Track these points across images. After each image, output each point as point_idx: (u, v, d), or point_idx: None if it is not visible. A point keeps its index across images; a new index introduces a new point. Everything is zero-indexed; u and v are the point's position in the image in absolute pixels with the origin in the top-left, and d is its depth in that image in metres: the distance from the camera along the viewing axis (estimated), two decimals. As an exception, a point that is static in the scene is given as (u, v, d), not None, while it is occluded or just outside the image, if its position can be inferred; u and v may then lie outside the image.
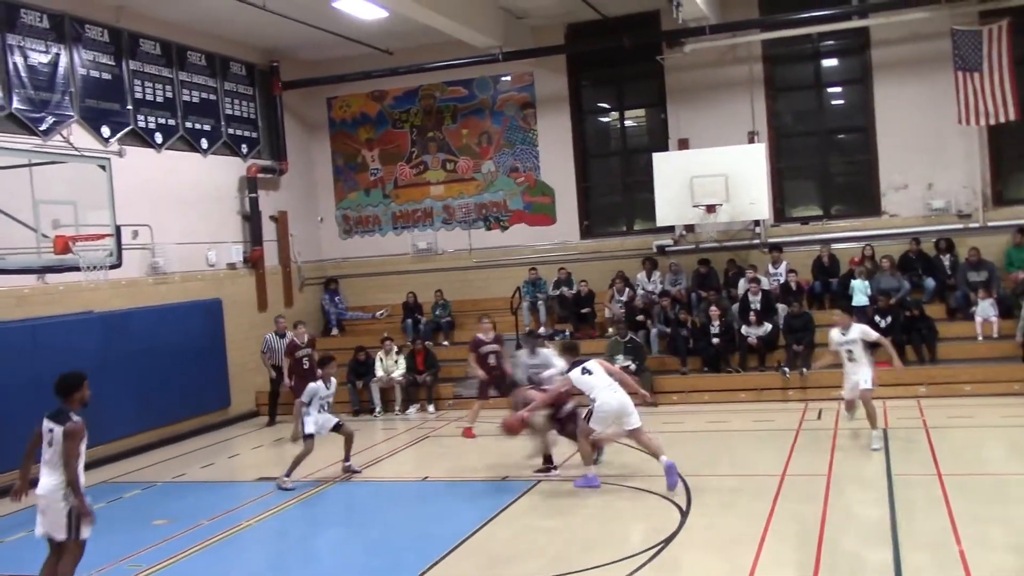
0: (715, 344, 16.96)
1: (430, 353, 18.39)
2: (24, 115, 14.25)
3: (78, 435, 7.71)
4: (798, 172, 19.65)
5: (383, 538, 10.02)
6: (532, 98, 20.52)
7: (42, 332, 13.84)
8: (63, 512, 7.76)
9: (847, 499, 10.13)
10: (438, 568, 8.73)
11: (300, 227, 20.99)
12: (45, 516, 7.84)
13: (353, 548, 9.86)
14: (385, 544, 9.79)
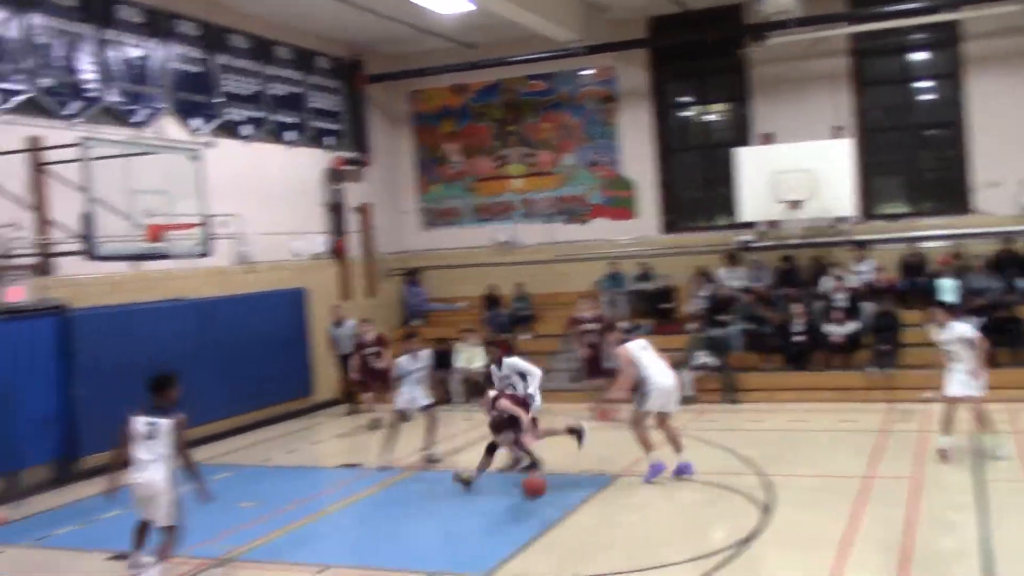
0: (798, 342, 16.72)
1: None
2: (119, 107, 14.72)
3: (184, 425, 8.50)
4: (885, 168, 19.23)
5: (462, 528, 10.13)
6: (613, 92, 20.44)
7: (135, 318, 14.29)
8: (169, 501, 8.41)
9: (934, 504, 9.91)
10: (516, 560, 8.79)
11: (383, 219, 21.25)
12: (150, 505, 8.46)
13: (433, 536, 9.97)
14: (463, 534, 9.89)
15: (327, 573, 8.79)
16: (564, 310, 19.19)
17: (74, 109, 13.93)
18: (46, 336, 13.08)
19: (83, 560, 9.64)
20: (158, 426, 8.41)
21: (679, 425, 14.33)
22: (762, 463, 11.78)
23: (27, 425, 12.71)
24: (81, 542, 10.29)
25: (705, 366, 16.73)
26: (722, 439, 13.44)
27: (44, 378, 13.02)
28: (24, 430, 12.66)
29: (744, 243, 19.13)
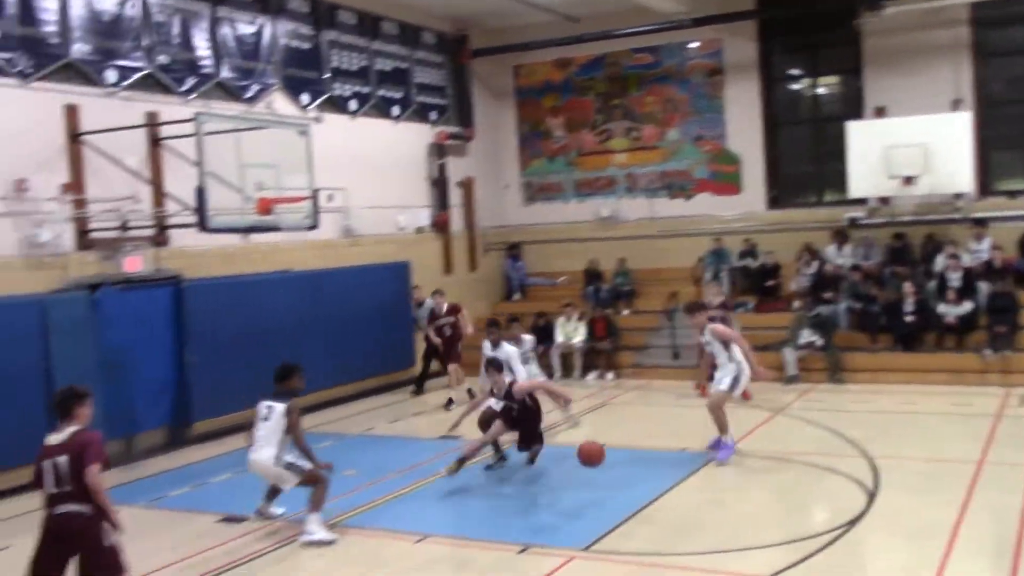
0: (908, 322, 16.23)
1: (610, 321, 18.41)
2: (231, 83, 15.10)
3: (297, 412, 9.15)
4: (1006, 143, 18.41)
5: (559, 502, 10.16)
6: (720, 64, 20.05)
7: (245, 289, 14.71)
8: (277, 475, 9.29)
9: (1051, 492, 9.54)
10: (613, 535, 8.79)
11: (485, 193, 21.36)
12: (266, 478, 9.48)
13: (531, 510, 10.04)
14: (561, 508, 9.92)
15: (425, 542, 8.94)
16: (665, 286, 19.07)
17: (189, 85, 14.36)
18: (162, 305, 13.58)
19: (195, 521, 10.00)
20: (274, 410, 9.15)
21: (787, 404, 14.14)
22: (868, 445, 11.50)
23: (143, 391, 13.24)
24: (193, 504, 10.69)
25: (810, 345, 16.39)
26: (827, 420, 13.17)
27: (159, 346, 13.53)
28: (140, 396, 13.18)
29: (853, 220, 18.60)
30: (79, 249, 12.71)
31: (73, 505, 6.52)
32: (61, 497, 6.55)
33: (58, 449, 6.55)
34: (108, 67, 13.20)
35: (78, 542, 6.57)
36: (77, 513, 6.53)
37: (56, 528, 6.59)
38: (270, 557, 8.76)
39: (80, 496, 6.50)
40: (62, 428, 6.66)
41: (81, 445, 6.53)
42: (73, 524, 6.55)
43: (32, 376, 11.70)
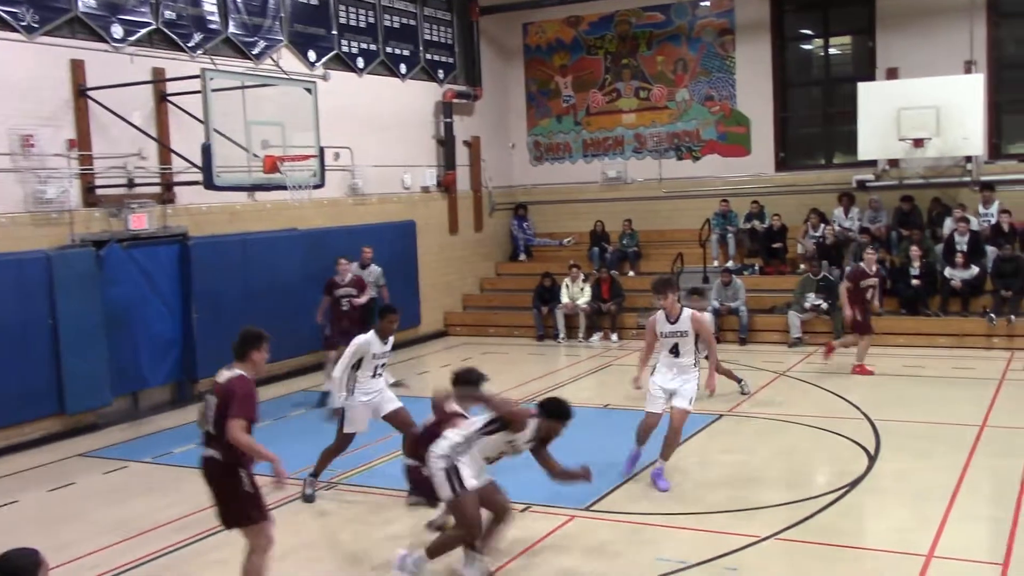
0: (915, 285, 16.19)
1: (616, 282, 18.40)
2: (238, 39, 15.00)
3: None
4: (1019, 105, 18.24)
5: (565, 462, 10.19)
6: (731, 24, 19.84)
7: (252, 246, 14.73)
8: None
9: (1053, 456, 9.56)
10: (614, 496, 8.85)
11: (492, 153, 21.26)
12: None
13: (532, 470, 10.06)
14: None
15: (429, 500, 9.00)
16: (672, 247, 19.03)
17: (195, 41, 14.26)
18: (167, 263, 13.62)
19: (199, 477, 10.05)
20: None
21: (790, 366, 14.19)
22: (871, 408, 11.53)
23: (148, 348, 13.31)
24: (197, 460, 10.72)
25: (816, 308, 16.38)
26: (830, 382, 13.20)
27: (165, 303, 13.59)
28: (146, 353, 13.26)
29: (862, 182, 18.50)
30: (85, 206, 12.70)
31: (211, 450, 6.36)
32: (207, 439, 6.40)
33: (217, 388, 6.38)
34: (114, 22, 13.11)
35: (214, 487, 6.43)
36: (212, 458, 6.35)
37: (202, 470, 6.47)
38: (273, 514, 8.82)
39: (218, 442, 6.27)
40: (231, 367, 6.49)
41: (231, 393, 6.24)
42: (210, 469, 6.41)
43: (38, 332, 11.78)
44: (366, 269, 14.96)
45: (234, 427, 6.09)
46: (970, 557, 7.18)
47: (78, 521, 8.87)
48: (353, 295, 13.66)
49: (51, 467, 10.89)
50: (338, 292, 13.63)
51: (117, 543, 8.20)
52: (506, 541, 7.61)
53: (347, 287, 13.68)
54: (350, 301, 13.61)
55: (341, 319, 13.50)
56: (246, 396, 6.23)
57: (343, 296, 13.64)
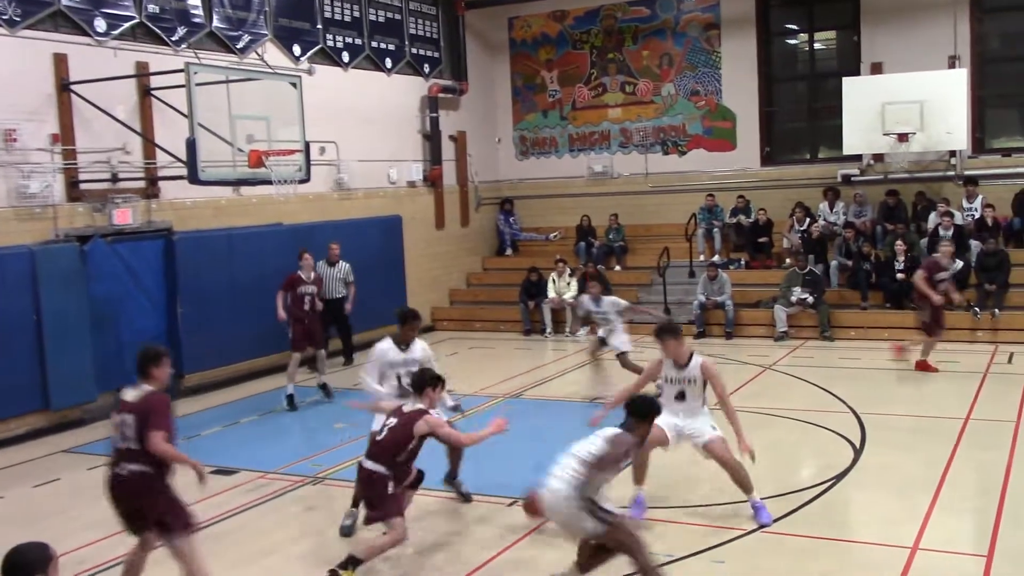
0: (899, 280, 16.26)
1: (602, 276, 18.39)
2: (223, 33, 14.92)
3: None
4: (1002, 100, 18.38)
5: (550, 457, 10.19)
6: (716, 19, 19.87)
7: (237, 241, 14.68)
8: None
9: (1036, 448, 9.63)
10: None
11: (478, 147, 21.24)
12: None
13: (519, 462, 10.07)
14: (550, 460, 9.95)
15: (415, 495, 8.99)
16: (658, 242, 19.06)
17: (179, 35, 14.18)
18: (152, 258, 13.57)
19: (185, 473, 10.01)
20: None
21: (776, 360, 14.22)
22: (856, 402, 11.58)
23: (133, 344, 13.20)
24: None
25: (802, 302, 16.43)
26: (815, 376, 13.25)
27: (150, 299, 13.53)
28: (130, 348, 13.14)
29: (847, 177, 18.58)
30: (69, 200, 12.63)
31: (135, 465, 6.38)
32: (127, 455, 6.41)
33: (130, 407, 6.47)
34: (97, 15, 13.02)
35: (142, 500, 6.43)
36: (138, 472, 6.37)
37: (120, 487, 6.45)
38: (260, 510, 8.82)
39: (143, 455, 6.35)
40: (137, 385, 6.59)
41: (148, 408, 6.40)
42: (134, 483, 6.41)
43: (22, 328, 11.72)
44: (334, 267, 14.83)
45: (157, 439, 6.27)
46: (955, 549, 7.23)
47: (64, 517, 8.83)
48: (314, 293, 13.31)
49: (36, 463, 10.84)
50: (301, 289, 13.16)
51: (104, 538, 8.15)
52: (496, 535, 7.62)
53: (311, 284, 13.33)
54: (312, 300, 13.28)
55: (304, 319, 13.15)
56: (163, 410, 6.44)
57: (306, 294, 13.20)
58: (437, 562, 7.43)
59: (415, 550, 7.69)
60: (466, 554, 7.44)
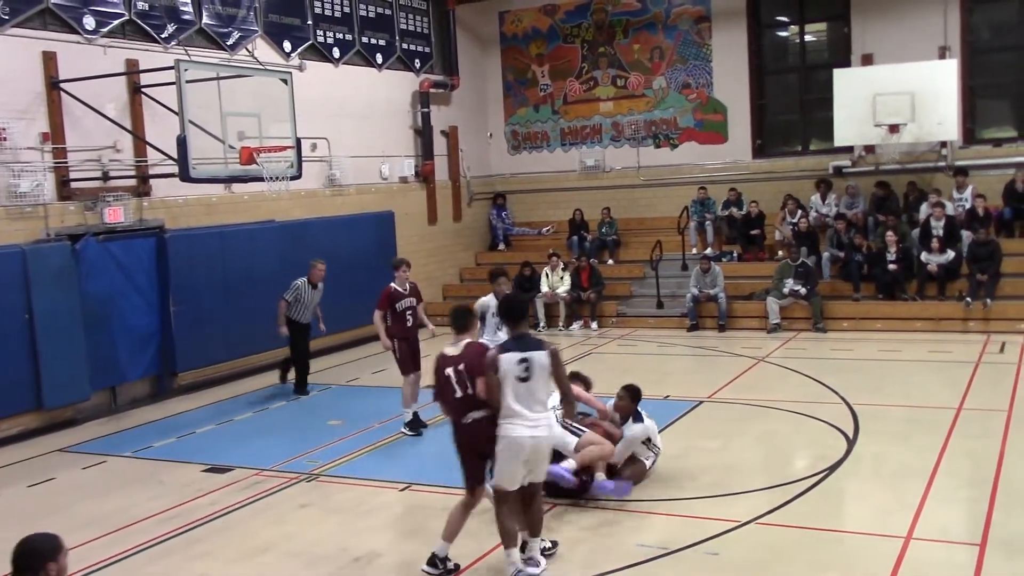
0: (891, 270, 16.30)
1: (595, 270, 18.42)
2: (213, 30, 14.88)
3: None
4: (993, 91, 18.40)
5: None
6: (707, 11, 19.86)
7: (229, 238, 14.65)
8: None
9: (1028, 437, 9.66)
10: (598, 482, 8.86)
11: (470, 142, 21.22)
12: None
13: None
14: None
15: (410, 490, 9.02)
16: (651, 235, 19.07)
17: (169, 32, 14.14)
18: (144, 256, 13.52)
19: (180, 471, 10.05)
20: (535, 360, 6.60)
21: (770, 351, 14.24)
22: (849, 392, 11.61)
23: (126, 342, 13.23)
24: (178, 454, 10.73)
25: (794, 294, 16.46)
26: (808, 367, 13.28)
27: (142, 297, 13.49)
28: (123, 347, 13.17)
29: (839, 168, 18.61)
30: (60, 199, 12.59)
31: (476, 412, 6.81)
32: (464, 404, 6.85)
33: (457, 358, 6.91)
34: (86, 13, 12.98)
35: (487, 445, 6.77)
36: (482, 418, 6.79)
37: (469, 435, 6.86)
38: (254, 507, 8.82)
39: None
40: (457, 340, 7.09)
41: (475, 355, 6.82)
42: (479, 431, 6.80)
43: (14, 327, 11.69)
44: (316, 288, 13.19)
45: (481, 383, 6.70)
46: (948, 538, 7.26)
47: (59, 516, 8.80)
48: (414, 306, 11.34)
49: (30, 463, 10.82)
50: (400, 304, 11.21)
51: (99, 537, 8.16)
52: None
53: (410, 297, 11.32)
54: (414, 314, 11.30)
55: (408, 336, 11.30)
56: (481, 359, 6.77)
57: (407, 309, 11.24)
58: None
59: (410, 545, 7.70)
60: (459, 550, 7.43)
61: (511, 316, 6.97)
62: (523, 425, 6.55)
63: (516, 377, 6.55)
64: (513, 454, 6.57)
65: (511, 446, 6.57)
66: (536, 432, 6.58)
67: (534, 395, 6.60)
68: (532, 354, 6.59)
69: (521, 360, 6.56)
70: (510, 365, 6.56)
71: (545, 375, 6.63)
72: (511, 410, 6.57)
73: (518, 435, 6.54)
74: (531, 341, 6.76)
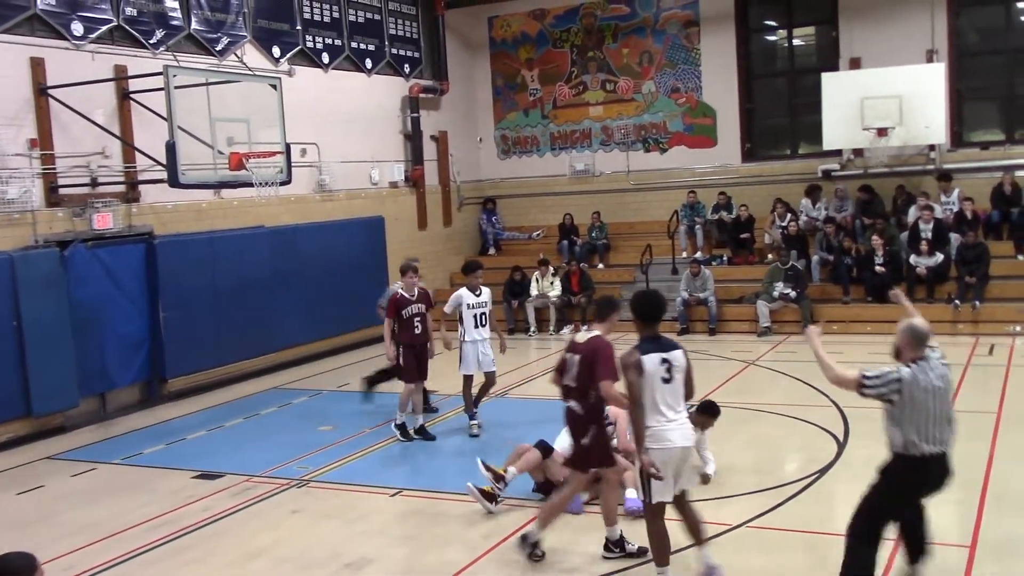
0: (879, 273, 16.35)
1: (585, 275, 18.44)
2: (201, 35, 14.86)
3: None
4: (980, 94, 18.50)
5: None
6: (696, 16, 19.92)
7: (219, 244, 14.61)
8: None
9: (1017, 440, 9.70)
10: (589, 486, 8.85)
11: (460, 147, 21.23)
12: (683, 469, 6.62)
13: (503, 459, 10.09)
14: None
15: (400, 496, 9.00)
16: (640, 239, 19.11)
17: (158, 38, 14.11)
18: (134, 262, 13.47)
19: (170, 478, 10.02)
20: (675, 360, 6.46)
21: (760, 355, 14.24)
22: (839, 395, 11.60)
23: (116, 349, 13.17)
24: (168, 461, 10.69)
25: (784, 297, 16.50)
26: (798, 371, 13.30)
27: (132, 303, 13.44)
28: (113, 353, 13.12)
29: (828, 172, 18.67)
30: (48, 206, 12.55)
31: (572, 402, 7.07)
32: (568, 391, 7.09)
33: (579, 347, 7.05)
34: (74, 19, 12.95)
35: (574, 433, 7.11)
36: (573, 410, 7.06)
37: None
38: (245, 513, 8.79)
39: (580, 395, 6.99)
40: (590, 328, 7.28)
41: (592, 352, 6.91)
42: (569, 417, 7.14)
43: (2, 334, 11.63)
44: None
45: (605, 387, 6.78)
46: (938, 540, 7.25)
47: (48, 524, 8.78)
48: (423, 312, 11.00)
49: (18, 470, 10.77)
50: (408, 311, 10.87)
51: (89, 544, 8.13)
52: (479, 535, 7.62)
53: (417, 302, 10.97)
54: (422, 321, 10.98)
55: (415, 344, 10.99)
56: (607, 355, 6.87)
57: (414, 315, 10.91)
58: (423, 563, 7.43)
59: (401, 551, 7.68)
60: (451, 555, 7.43)
61: (646, 315, 6.55)
62: (671, 430, 6.30)
63: (660, 379, 6.30)
64: (664, 464, 6.27)
65: (663, 455, 6.27)
66: (685, 437, 6.38)
67: (677, 396, 6.40)
68: (672, 354, 6.39)
69: (663, 361, 6.33)
70: (653, 366, 6.29)
71: (683, 375, 6.42)
72: (658, 413, 6.29)
73: (669, 441, 6.28)
74: (667, 341, 6.50)
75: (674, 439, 6.30)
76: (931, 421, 6.00)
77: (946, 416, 6.06)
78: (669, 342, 6.51)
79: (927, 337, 6.29)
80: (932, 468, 6.08)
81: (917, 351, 6.29)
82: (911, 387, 6.03)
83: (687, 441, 6.42)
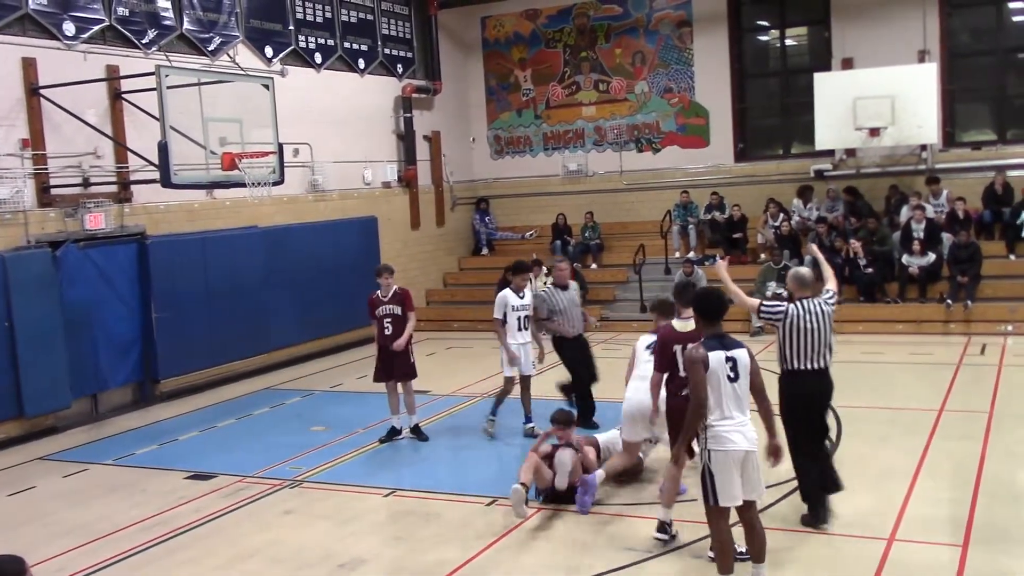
0: (867, 273, 16.37)
1: (579, 275, 18.40)
2: (194, 35, 14.83)
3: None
4: (972, 94, 18.55)
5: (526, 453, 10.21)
6: (688, 16, 19.94)
7: (211, 244, 14.58)
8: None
9: (1009, 439, 9.72)
10: (582, 486, 8.85)
11: (452, 147, 21.22)
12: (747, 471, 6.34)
13: (498, 465, 10.10)
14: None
15: (394, 496, 8.99)
16: (633, 239, 19.12)
17: (150, 38, 14.07)
18: (126, 262, 13.45)
19: (163, 478, 9.99)
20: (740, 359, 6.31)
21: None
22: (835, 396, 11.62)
23: (108, 349, 13.14)
24: (161, 461, 10.67)
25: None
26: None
27: (124, 304, 13.42)
28: (105, 354, 13.09)
29: (820, 172, 18.70)
30: (40, 206, 12.51)
31: None
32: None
33: (684, 336, 7.59)
34: (66, 19, 12.91)
35: None
36: None
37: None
38: (238, 514, 8.78)
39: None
40: (685, 317, 7.78)
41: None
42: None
43: (-6, 334, 11.58)
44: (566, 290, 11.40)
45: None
46: (931, 539, 7.29)
47: (40, 525, 8.75)
48: (394, 313, 10.88)
49: (10, 471, 10.74)
50: (380, 311, 10.90)
51: (81, 545, 8.11)
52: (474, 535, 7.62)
53: (390, 303, 10.95)
54: (393, 322, 10.86)
55: (384, 345, 10.89)
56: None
57: (384, 316, 10.88)
58: (416, 563, 7.42)
59: (394, 551, 7.68)
60: (444, 555, 7.43)
61: (710, 313, 6.42)
62: (736, 431, 6.14)
63: (725, 376, 6.16)
64: (727, 466, 6.13)
65: (726, 457, 6.12)
66: (749, 440, 6.19)
67: (741, 396, 6.24)
68: (737, 352, 6.24)
69: (728, 359, 6.18)
70: (719, 364, 6.15)
71: (747, 375, 6.27)
72: (723, 413, 6.15)
73: (733, 443, 6.13)
74: (731, 340, 6.35)
75: (737, 441, 6.14)
76: (810, 345, 7.46)
77: (825, 342, 7.52)
78: (733, 341, 6.36)
79: (809, 282, 7.73)
80: (809, 380, 7.49)
81: (802, 292, 7.64)
82: (792, 318, 7.44)
83: (751, 444, 6.21)
